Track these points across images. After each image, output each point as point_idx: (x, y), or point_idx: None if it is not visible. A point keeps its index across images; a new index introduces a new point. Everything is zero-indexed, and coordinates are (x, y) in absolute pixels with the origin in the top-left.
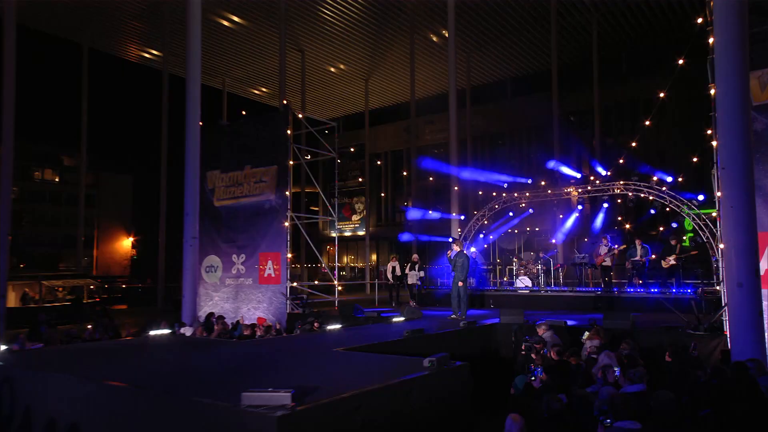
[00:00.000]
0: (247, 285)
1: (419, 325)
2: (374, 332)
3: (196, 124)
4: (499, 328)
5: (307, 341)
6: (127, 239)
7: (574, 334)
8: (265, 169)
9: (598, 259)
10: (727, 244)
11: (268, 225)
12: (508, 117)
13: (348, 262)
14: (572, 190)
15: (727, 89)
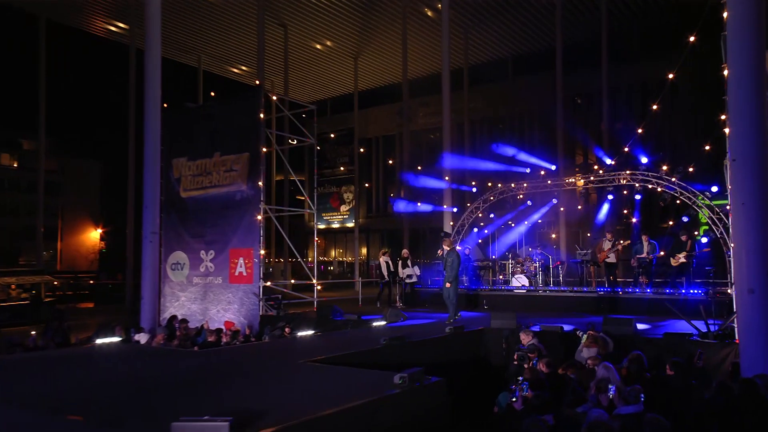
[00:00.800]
0: (217, 284)
1: (400, 331)
2: (350, 339)
3: (156, 104)
4: (490, 334)
5: (274, 350)
6: (95, 231)
7: (571, 342)
8: (235, 156)
9: (600, 255)
10: (737, 245)
11: (240, 218)
12: (508, 99)
13: (336, 256)
14: (577, 180)
15: (739, 69)
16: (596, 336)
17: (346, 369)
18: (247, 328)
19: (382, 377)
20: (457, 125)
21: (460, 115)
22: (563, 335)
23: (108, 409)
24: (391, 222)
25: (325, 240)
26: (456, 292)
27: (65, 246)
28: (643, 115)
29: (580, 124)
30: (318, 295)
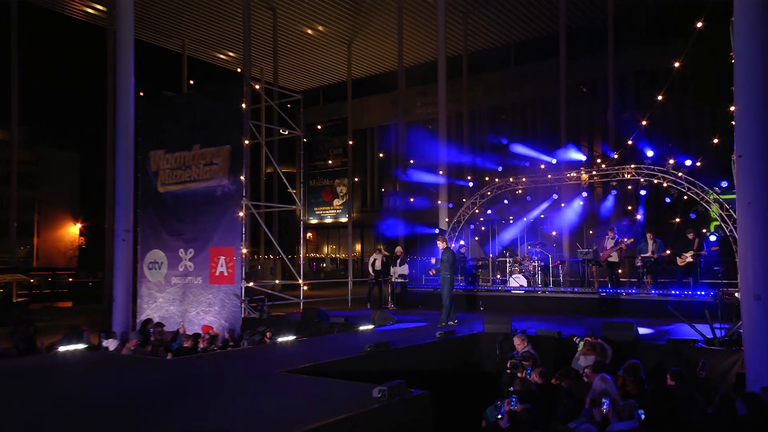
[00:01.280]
0: (196, 285)
1: (387, 336)
2: (333, 345)
3: (128, 92)
4: (483, 339)
5: (251, 358)
6: (74, 226)
7: (569, 348)
8: (216, 149)
9: (603, 254)
10: (743, 248)
11: (221, 215)
12: (510, 87)
13: (329, 253)
14: (579, 174)
15: (747, 60)
16: (594, 343)
17: (323, 380)
18: (226, 333)
19: (361, 390)
20: (456, 115)
21: (459, 105)
22: (560, 341)
23: None
24: (388, 217)
25: (318, 235)
26: (450, 294)
27: (42, 242)
28: (652, 104)
29: (585, 113)
30: (306, 295)
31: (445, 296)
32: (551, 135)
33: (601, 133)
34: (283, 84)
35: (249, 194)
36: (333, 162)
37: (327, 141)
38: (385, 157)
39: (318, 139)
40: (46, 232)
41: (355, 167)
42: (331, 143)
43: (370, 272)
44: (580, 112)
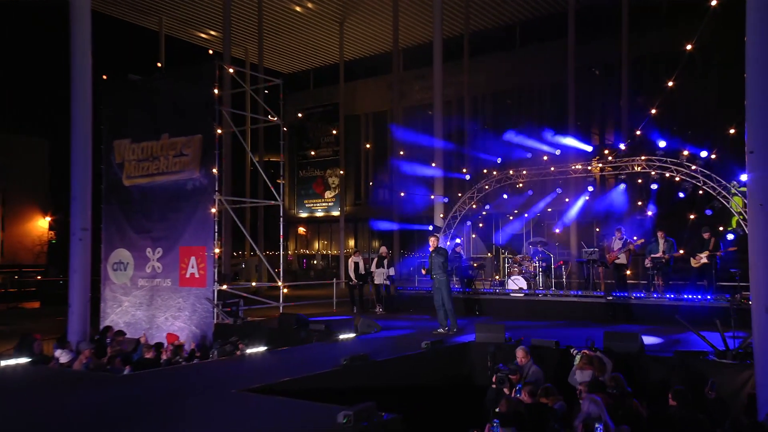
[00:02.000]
0: (165, 287)
1: (369, 346)
2: (307, 357)
3: (85, 74)
4: (474, 349)
5: (213, 373)
6: (43, 219)
7: (568, 361)
8: (186, 138)
9: (610, 255)
10: (754, 255)
11: (191, 211)
12: (515, 71)
13: (320, 249)
14: (585, 166)
15: (757, 38)
16: (591, 356)
17: (285, 401)
18: (192, 343)
19: (326, 413)
20: (456, 100)
21: (460, 89)
22: (559, 352)
23: None
24: (382, 210)
25: (309, 230)
26: (451, 296)
27: (7, 236)
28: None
29: (596, 100)
30: (291, 296)
31: (447, 299)
32: (558, 123)
33: (613, 122)
34: (270, 66)
35: (231, 187)
36: (324, 151)
37: (317, 128)
38: (380, 145)
39: (308, 126)
40: (11, 226)
41: (348, 157)
42: (322, 131)
43: (352, 277)
44: (590, 98)
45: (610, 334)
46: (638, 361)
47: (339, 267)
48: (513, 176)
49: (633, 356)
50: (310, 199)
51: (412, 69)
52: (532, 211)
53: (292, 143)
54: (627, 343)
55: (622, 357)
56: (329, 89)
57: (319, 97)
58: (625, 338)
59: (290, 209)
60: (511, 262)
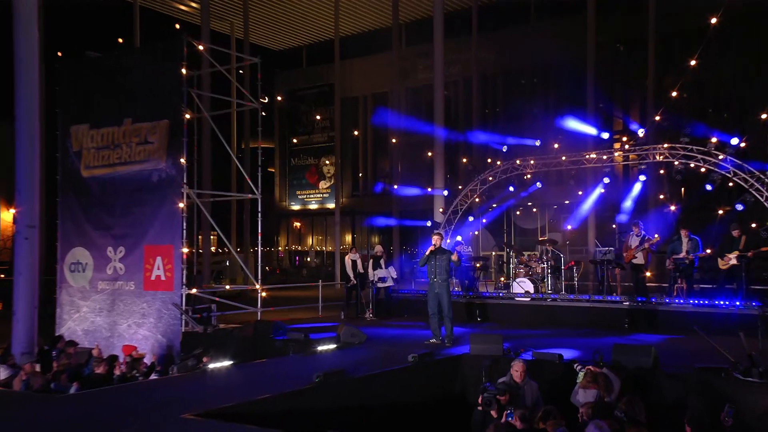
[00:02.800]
0: (128, 291)
1: (350, 358)
2: (278, 372)
3: (31, 48)
4: (468, 363)
5: (165, 393)
6: (7, 212)
7: (573, 377)
8: (151, 124)
9: (627, 254)
10: None
11: (157, 206)
12: (529, 48)
13: (315, 245)
14: (600, 155)
15: None
16: (596, 373)
17: (239, 429)
18: (153, 356)
19: None
20: (463, 81)
21: (467, 69)
22: (563, 367)
23: None
24: (381, 203)
25: (302, 224)
26: (451, 304)
27: None
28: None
29: (619, 80)
30: (275, 299)
31: (447, 307)
32: (575, 106)
33: (638, 106)
34: (258, 42)
35: (211, 178)
36: (318, 137)
37: (311, 111)
38: (380, 130)
39: (300, 110)
40: None
41: (345, 143)
42: (315, 114)
43: (351, 276)
44: (612, 78)
45: (620, 347)
46: (651, 379)
47: (335, 265)
48: (520, 166)
49: (645, 372)
50: (303, 190)
51: (415, 45)
52: (540, 204)
53: (282, 128)
54: (639, 357)
55: (633, 373)
56: (323, 68)
57: (312, 77)
58: (637, 351)
59: (281, 201)
60: (516, 263)
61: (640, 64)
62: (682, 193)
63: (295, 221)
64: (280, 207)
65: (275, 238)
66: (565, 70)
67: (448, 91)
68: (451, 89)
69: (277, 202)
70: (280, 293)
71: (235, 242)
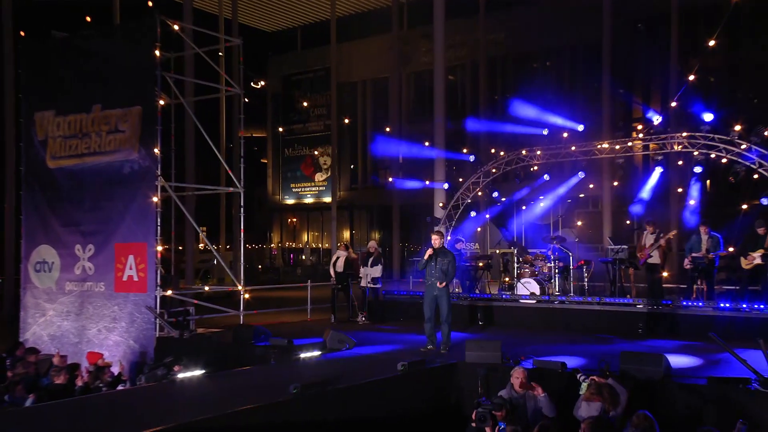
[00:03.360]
0: (98, 293)
1: (335, 367)
2: (254, 382)
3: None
4: (464, 371)
5: (126, 406)
6: None
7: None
8: (123, 111)
9: (641, 253)
10: None
11: (129, 200)
12: (542, 28)
13: (310, 242)
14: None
15: None
16: (601, 384)
17: None
18: (120, 364)
19: None
20: (470, 64)
21: (474, 51)
22: (566, 377)
23: None
24: (382, 197)
25: (297, 219)
26: (450, 309)
27: None
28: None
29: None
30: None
31: (446, 312)
32: (591, 91)
33: (659, 90)
34: (249, 23)
35: (195, 169)
36: (314, 125)
37: (307, 98)
38: (380, 118)
39: (295, 95)
40: None
41: (343, 132)
42: (312, 101)
43: (332, 275)
44: (631, 60)
45: (629, 355)
46: (662, 390)
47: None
48: (526, 157)
49: (656, 383)
50: (297, 183)
51: (417, 26)
52: (548, 198)
53: (276, 116)
54: (648, 367)
55: (642, 384)
56: (320, 51)
57: (307, 61)
58: (647, 360)
59: (274, 195)
60: (521, 262)
61: (662, 45)
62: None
63: (290, 216)
64: (274, 201)
65: (268, 234)
66: (580, 52)
67: (454, 75)
68: (458, 73)
69: (270, 196)
70: (271, 294)
71: (225, 239)
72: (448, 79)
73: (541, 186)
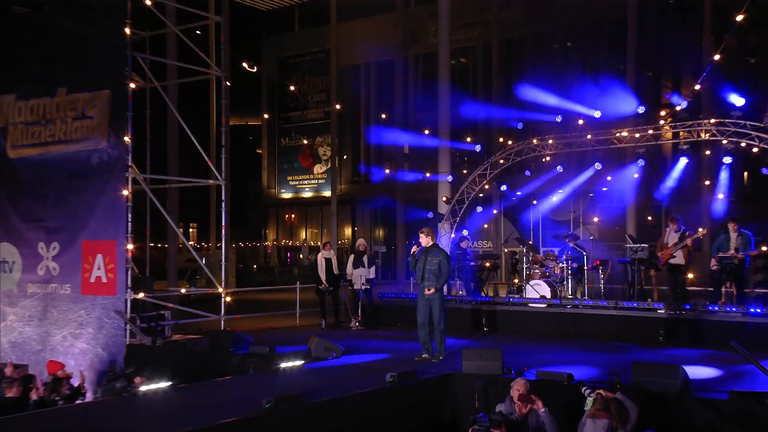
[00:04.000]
0: (63, 295)
1: (318, 378)
2: (225, 396)
3: None
4: (460, 383)
5: (80, 423)
6: None
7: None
8: (90, 95)
9: (663, 253)
10: None
11: (98, 194)
12: (562, 5)
13: (309, 239)
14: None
15: None
16: (607, 399)
17: None
18: (82, 375)
19: None
20: (482, 46)
21: (486, 31)
22: (572, 390)
23: None
24: (388, 190)
25: (295, 215)
26: (443, 313)
27: None
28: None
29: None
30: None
31: (439, 317)
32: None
33: (689, 72)
34: (242, 0)
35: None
36: (313, 112)
37: (305, 82)
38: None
39: (292, 79)
40: None
41: (344, 120)
42: (310, 86)
43: (322, 278)
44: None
45: (642, 366)
46: (678, 405)
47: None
48: (537, 147)
49: (671, 398)
50: (295, 176)
51: (425, 4)
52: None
53: (271, 102)
54: (664, 379)
55: (657, 398)
56: (319, 31)
57: (306, 42)
58: (662, 372)
59: (269, 188)
60: (530, 262)
61: (694, 21)
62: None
63: (287, 212)
64: (269, 195)
65: (263, 231)
66: (605, 30)
67: (465, 58)
68: (469, 56)
69: (265, 189)
70: (262, 296)
71: (215, 236)
72: (460, 62)
73: (554, 179)
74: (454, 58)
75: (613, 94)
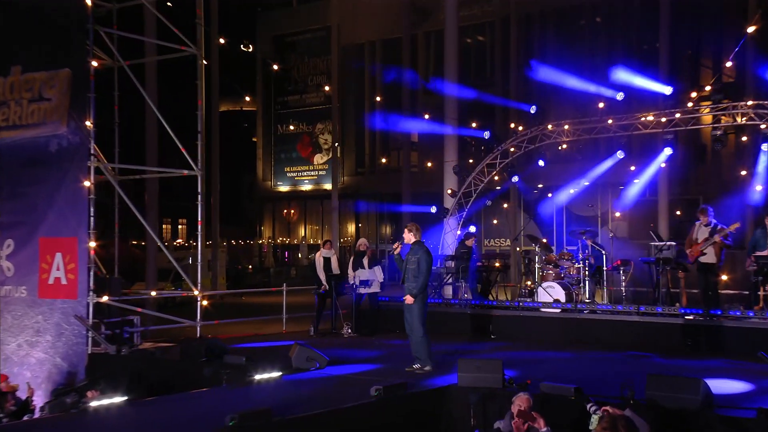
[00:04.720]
0: (19, 299)
1: (298, 391)
2: (186, 412)
3: None
4: (455, 398)
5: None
6: None
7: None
8: (48, 74)
9: (692, 250)
10: None
11: (56, 185)
12: None
13: (309, 237)
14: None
15: None
16: (615, 416)
17: None
18: (30, 388)
19: None
20: (500, 22)
21: (505, 6)
22: (580, 405)
23: None
24: (395, 182)
25: (293, 209)
26: (422, 319)
27: None
28: None
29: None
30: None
31: (417, 324)
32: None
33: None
34: None
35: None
36: (312, 96)
37: (304, 64)
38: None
39: (290, 61)
40: None
41: (347, 105)
42: (310, 67)
43: (322, 280)
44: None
45: (658, 379)
46: (698, 423)
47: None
48: (552, 133)
49: (691, 415)
50: (293, 166)
51: None
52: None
53: (266, 85)
54: (683, 394)
55: (674, 416)
56: (319, 6)
57: (305, 18)
58: (680, 385)
59: (265, 180)
60: (543, 262)
61: None
62: None
63: (284, 206)
64: (265, 188)
65: (258, 227)
66: (634, 7)
67: (483, 35)
68: (486, 33)
69: (260, 182)
70: (254, 300)
71: (204, 233)
72: (477, 39)
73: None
74: (470, 35)
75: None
